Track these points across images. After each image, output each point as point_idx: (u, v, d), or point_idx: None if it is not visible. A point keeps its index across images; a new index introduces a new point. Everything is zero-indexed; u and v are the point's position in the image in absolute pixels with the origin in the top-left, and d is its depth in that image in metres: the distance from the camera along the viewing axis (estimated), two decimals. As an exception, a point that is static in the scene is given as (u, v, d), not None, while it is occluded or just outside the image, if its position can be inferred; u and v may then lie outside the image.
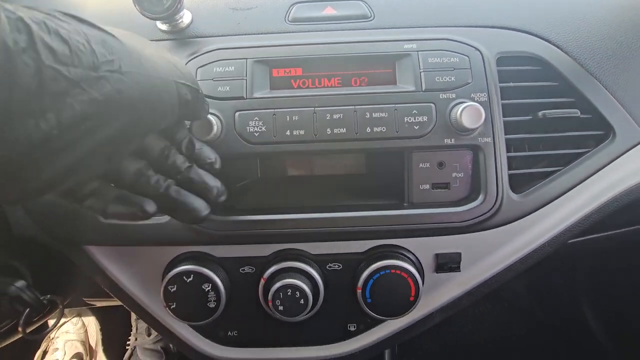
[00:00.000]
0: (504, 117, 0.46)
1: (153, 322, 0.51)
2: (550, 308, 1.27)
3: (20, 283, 0.43)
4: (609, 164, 0.47)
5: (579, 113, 0.46)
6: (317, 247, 0.48)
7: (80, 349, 1.22)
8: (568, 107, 0.47)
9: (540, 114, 0.46)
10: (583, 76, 0.47)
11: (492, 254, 0.49)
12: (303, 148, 0.45)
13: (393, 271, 0.45)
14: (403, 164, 0.46)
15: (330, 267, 0.48)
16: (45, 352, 1.21)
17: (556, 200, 0.47)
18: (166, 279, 0.46)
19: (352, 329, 0.51)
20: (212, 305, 0.46)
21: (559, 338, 1.22)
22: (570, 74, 0.47)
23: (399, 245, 0.48)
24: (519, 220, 0.46)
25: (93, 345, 1.27)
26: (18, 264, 0.49)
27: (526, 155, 0.47)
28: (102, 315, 1.30)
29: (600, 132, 0.48)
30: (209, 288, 0.46)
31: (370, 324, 0.51)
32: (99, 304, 0.73)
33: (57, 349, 1.20)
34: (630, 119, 0.47)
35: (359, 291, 0.47)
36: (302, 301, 0.45)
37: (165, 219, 0.46)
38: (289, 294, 0.45)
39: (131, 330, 1.27)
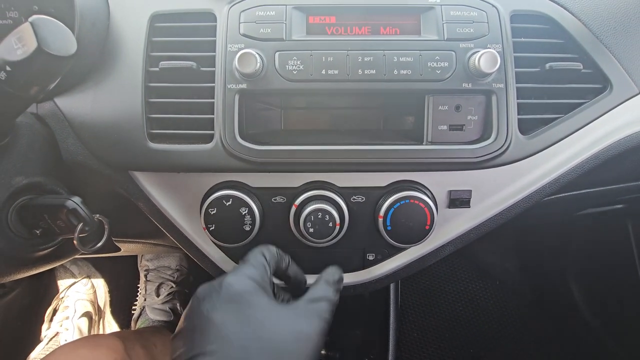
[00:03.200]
0: (515, 67, 0.51)
1: (189, 246, 0.56)
2: (540, 289, 1.34)
3: (77, 198, 0.47)
4: (605, 113, 0.53)
5: (582, 67, 0.52)
6: (343, 180, 0.53)
7: (90, 309, 1.26)
8: (572, 62, 0.52)
9: (547, 65, 0.51)
10: (587, 35, 0.53)
11: (499, 192, 0.54)
12: (336, 86, 0.50)
13: (412, 201, 0.51)
14: (424, 106, 0.51)
15: (354, 199, 0.53)
16: (55, 310, 1.25)
17: (557, 145, 0.52)
18: (207, 202, 0.51)
19: (370, 258, 0.56)
20: (247, 228, 0.51)
21: (547, 316, 1.30)
22: (575, 33, 0.53)
23: (416, 181, 0.53)
24: (523, 161, 0.52)
25: (102, 306, 1.31)
26: (66, 190, 0.53)
27: (533, 102, 0.52)
28: (110, 279, 1.34)
29: (599, 85, 0.53)
30: (246, 212, 0.51)
31: (387, 254, 0.56)
32: (124, 247, 0.77)
33: (67, 307, 1.24)
34: (626, 75, 0.53)
35: (380, 219, 0.52)
36: (330, 224, 0.50)
37: (208, 146, 0.50)
38: (319, 216, 0.50)
39: (136, 297, 1.31)
